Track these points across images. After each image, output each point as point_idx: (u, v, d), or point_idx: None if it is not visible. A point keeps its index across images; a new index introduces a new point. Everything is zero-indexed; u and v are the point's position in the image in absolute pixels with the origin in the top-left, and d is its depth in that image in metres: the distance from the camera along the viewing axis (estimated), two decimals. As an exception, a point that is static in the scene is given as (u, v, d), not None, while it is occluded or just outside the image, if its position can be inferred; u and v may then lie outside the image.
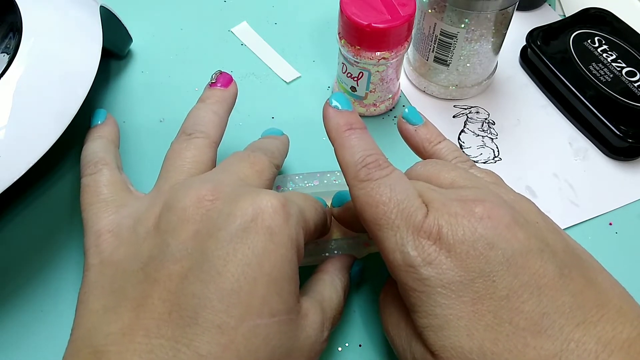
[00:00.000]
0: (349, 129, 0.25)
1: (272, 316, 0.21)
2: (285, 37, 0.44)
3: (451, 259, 0.21)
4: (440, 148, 0.28)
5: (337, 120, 0.25)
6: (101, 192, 0.26)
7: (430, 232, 0.21)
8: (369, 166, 0.23)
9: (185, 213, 0.22)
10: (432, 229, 0.21)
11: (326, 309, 0.25)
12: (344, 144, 0.25)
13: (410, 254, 0.21)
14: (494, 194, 0.23)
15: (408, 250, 0.21)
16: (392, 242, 0.22)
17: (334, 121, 0.25)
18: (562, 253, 0.21)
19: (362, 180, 0.23)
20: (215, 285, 0.20)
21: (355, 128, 0.25)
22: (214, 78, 0.30)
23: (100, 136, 0.30)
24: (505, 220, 0.21)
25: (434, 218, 0.22)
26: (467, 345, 0.20)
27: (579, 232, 0.34)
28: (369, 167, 0.23)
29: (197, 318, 0.20)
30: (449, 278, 0.21)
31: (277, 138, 0.31)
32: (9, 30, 0.35)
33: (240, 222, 0.21)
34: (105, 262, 0.23)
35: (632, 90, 0.37)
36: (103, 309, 0.21)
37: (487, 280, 0.20)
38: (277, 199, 0.22)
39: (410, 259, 0.21)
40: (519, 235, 0.21)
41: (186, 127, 0.28)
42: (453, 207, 0.22)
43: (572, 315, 0.20)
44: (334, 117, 0.25)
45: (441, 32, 0.35)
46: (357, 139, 0.25)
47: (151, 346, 0.19)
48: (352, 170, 0.24)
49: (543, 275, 0.20)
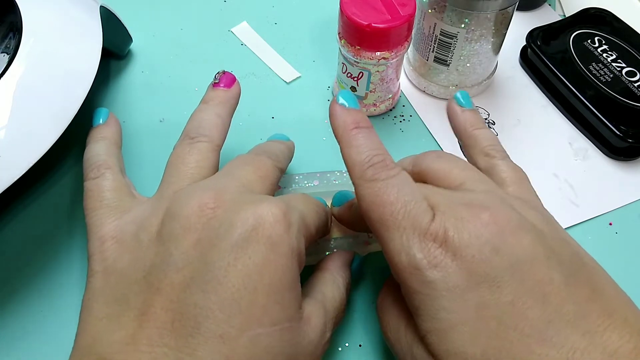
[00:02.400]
0: (355, 127, 0.25)
1: (273, 325, 0.21)
2: (285, 37, 0.44)
3: (457, 263, 0.20)
4: (479, 133, 0.28)
5: (343, 118, 0.25)
6: (104, 197, 0.26)
7: (436, 235, 0.21)
8: (375, 166, 0.23)
9: (187, 221, 0.22)
10: (438, 232, 0.21)
11: (329, 308, 0.25)
12: (350, 143, 0.24)
13: (416, 256, 0.21)
14: (501, 199, 0.23)
15: (414, 252, 0.21)
16: (397, 244, 0.22)
17: (340, 119, 0.25)
18: (568, 261, 0.21)
19: (368, 180, 0.23)
20: (216, 296, 0.20)
21: (362, 127, 0.25)
22: (217, 78, 0.30)
23: (103, 137, 0.29)
24: (511, 226, 0.21)
25: (440, 221, 0.21)
26: (470, 350, 0.20)
27: (579, 232, 0.34)
28: (376, 167, 0.23)
29: (199, 328, 0.20)
30: (454, 282, 0.20)
31: (282, 142, 0.31)
32: (9, 30, 0.35)
33: (241, 231, 0.21)
34: (109, 269, 0.23)
35: (632, 90, 0.37)
36: (107, 317, 0.21)
37: (492, 285, 0.20)
38: (278, 208, 0.22)
39: (416, 261, 0.21)
40: (524, 242, 0.21)
41: (189, 130, 0.27)
42: (459, 212, 0.22)
43: (577, 324, 0.19)
44: (340, 115, 0.25)
45: (441, 32, 0.35)
46: (364, 137, 0.24)
47: (155, 355, 0.20)
48: (358, 169, 0.24)
49: (549, 282, 0.20)
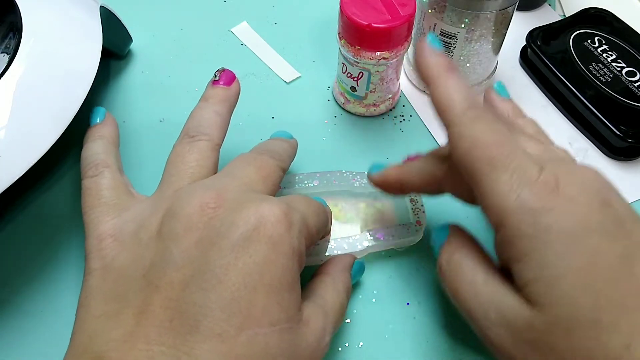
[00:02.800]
0: (450, 69, 0.24)
1: (272, 325, 0.21)
2: (285, 37, 0.44)
3: (572, 208, 0.20)
4: (520, 122, 0.27)
5: (438, 59, 0.24)
6: (102, 195, 0.26)
7: (548, 181, 0.21)
8: (477, 107, 0.23)
9: (188, 220, 0.22)
10: (550, 178, 0.21)
11: (328, 312, 0.24)
12: (448, 82, 0.24)
13: (530, 198, 0.20)
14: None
15: (527, 193, 0.21)
16: (507, 185, 0.21)
17: (434, 59, 0.24)
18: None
19: (473, 119, 0.23)
20: (216, 294, 0.20)
21: (455, 69, 0.24)
22: (217, 75, 0.29)
23: (100, 136, 0.29)
24: (610, 185, 0.22)
25: (551, 169, 0.21)
26: (582, 299, 0.19)
27: (579, 232, 0.34)
28: (478, 108, 0.23)
29: (198, 326, 0.20)
30: (569, 226, 0.20)
31: (285, 140, 0.31)
32: (9, 30, 0.35)
33: (243, 231, 0.21)
34: (107, 267, 0.23)
35: (632, 90, 0.37)
36: (105, 315, 0.21)
37: (606, 235, 0.20)
38: (279, 208, 0.22)
39: (529, 202, 0.20)
40: (624, 201, 0.21)
41: (189, 128, 0.27)
42: (565, 165, 0.22)
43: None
44: (435, 56, 0.25)
45: (441, 32, 0.35)
46: (460, 80, 0.24)
47: (152, 353, 0.19)
48: (460, 107, 0.23)
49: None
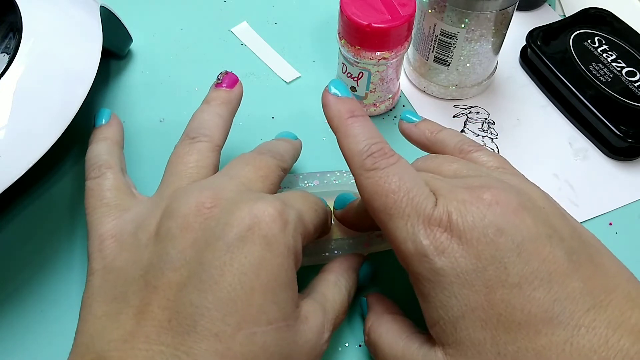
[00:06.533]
0: (351, 116, 0.24)
1: (269, 324, 0.21)
2: (285, 37, 0.44)
3: (463, 247, 0.20)
4: (442, 135, 0.28)
5: (338, 107, 0.25)
6: (105, 196, 0.26)
7: (440, 220, 0.21)
8: (374, 155, 0.23)
9: (184, 221, 0.22)
10: (442, 217, 0.21)
11: (328, 310, 0.25)
12: (347, 133, 0.24)
13: (423, 243, 0.21)
14: (499, 180, 0.23)
15: (420, 239, 0.21)
16: (403, 232, 0.22)
17: (334, 108, 0.25)
18: (569, 238, 0.21)
19: (369, 170, 0.23)
20: (212, 295, 0.20)
21: (357, 115, 0.24)
22: (219, 78, 0.29)
23: (105, 138, 0.30)
24: (513, 205, 0.21)
25: (443, 205, 0.21)
26: (481, 335, 0.20)
27: (579, 232, 0.34)
28: (375, 156, 0.23)
29: (195, 326, 0.20)
30: (462, 267, 0.20)
31: (288, 141, 0.31)
32: (9, 30, 0.35)
33: (237, 231, 0.21)
34: (108, 267, 0.23)
35: (632, 90, 0.37)
36: (105, 315, 0.22)
37: (499, 267, 0.20)
38: (274, 207, 0.22)
39: (423, 248, 0.21)
40: (527, 221, 0.21)
41: (190, 130, 0.27)
42: (460, 194, 0.22)
43: (582, 300, 0.19)
44: (334, 105, 0.25)
45: (441, 32, 0.35)
46: (360, 127, 0.24)
47: (152, 352, 0.20)
48: (357, 159, 0.23)
49: (553, 261, 0.20)
